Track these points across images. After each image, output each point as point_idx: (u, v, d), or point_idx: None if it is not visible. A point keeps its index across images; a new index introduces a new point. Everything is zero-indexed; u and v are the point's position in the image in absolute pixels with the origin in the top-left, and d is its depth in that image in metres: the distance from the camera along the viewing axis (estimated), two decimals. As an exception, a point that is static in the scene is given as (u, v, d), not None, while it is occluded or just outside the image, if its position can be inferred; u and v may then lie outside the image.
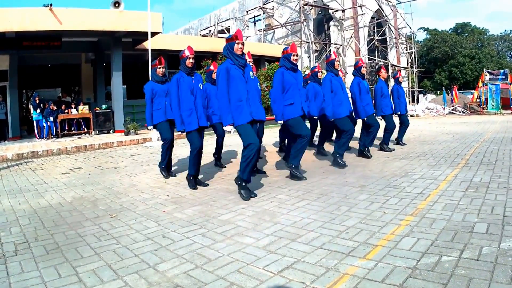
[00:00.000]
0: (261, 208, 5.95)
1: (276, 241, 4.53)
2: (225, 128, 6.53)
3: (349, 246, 4.30)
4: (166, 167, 8.92)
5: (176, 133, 9.53)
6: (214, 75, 9.21)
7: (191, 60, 7.45)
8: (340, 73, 9.53)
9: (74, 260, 4.26)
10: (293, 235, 4.69)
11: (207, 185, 7.82)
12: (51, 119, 19.56)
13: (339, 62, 9.23)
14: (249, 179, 6.69)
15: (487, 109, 30.14)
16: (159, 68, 8.73)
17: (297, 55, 7.80)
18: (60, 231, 5.30)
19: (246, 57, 6.99)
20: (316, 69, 11.24)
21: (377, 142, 11.82)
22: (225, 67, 6.47)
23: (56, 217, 6.02)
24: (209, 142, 13.56)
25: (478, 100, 31.86)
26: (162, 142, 8.78)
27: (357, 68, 10.35)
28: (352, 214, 5.44)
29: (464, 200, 5.81)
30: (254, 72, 7.57)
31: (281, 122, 7.70)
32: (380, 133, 11.24)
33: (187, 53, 7.47)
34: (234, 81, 6.44)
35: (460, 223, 4.81)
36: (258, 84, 7.03)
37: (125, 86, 25.30)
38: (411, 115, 21.03)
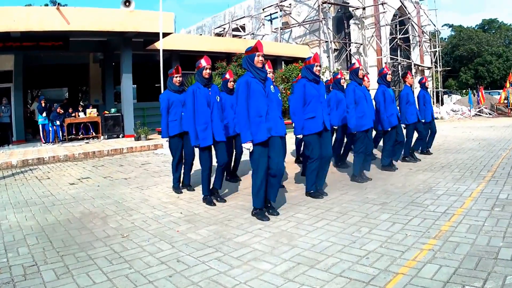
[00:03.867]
0: (278, 229, 5.98)
1: (294, 268, 4.55)
2: (243, 145, 6.43)
3: (370, 273, 4.32)
4: (180, 183, 8.94)
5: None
6: (230, 84, 9.15)
7: (208, 71, 7.40)
8: (365, 79, 9.49)
9: (86, 286, 4.30)
10: (312, 261, 4.71)
11: (225, 200, 7.83)
12: (58, 122, 19.70)
13: (363, 70, 9.16)
14: (262, 205, 6.63)
15: (515, 110, 29.96)
16: (176, 77, 8.64)
17: (320, 66, 7.77)
18: (70, 252, 5.35)
19: (266, 66, 7.00)
20: (339, 76, 11.14)
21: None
22: (245, 80, 6.40)
23: (65, 236, 6.07)
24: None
25: (505, 101, 31.64)
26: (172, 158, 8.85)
27: (382, 75, 10.25)
28: (373, 236, 5.46)
29: (490, 221, 5.80)
30: (272, 79, 7.56)
31: (300, 136, 7.69)
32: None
33: (203, 63, 7.41)
34: (254, 95, 6.36)
35: (484, 248, 4.81)
36: (279, 94, 6.97)
37: (135, 85, 25.34)
38: (435, 118, 21.23)
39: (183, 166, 8.96)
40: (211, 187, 7.87)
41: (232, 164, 9.74)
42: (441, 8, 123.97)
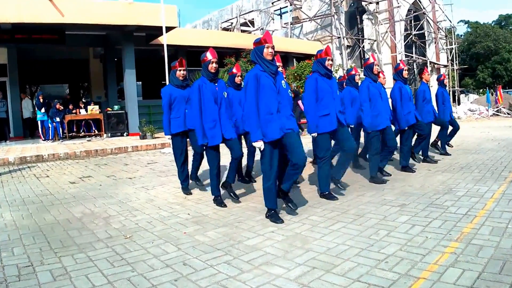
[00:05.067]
0: (291, 231, 5.85)
1: (309, 272, 4.43)
2: (254, 144, 6.22)
3: (389, 278, 4.20)
4: (188, 182, 8.78)
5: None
6: (237, 79, 9.00)
7: (214, 65, 7.23)
8: (381, 75, 9.34)
9: (85, 289, 4.20)
10: (328, 265, 4.59)
11: (238, 198, 7.76)
12: (58, 119, 19.62)
13: (378, 66, 9.01)
14: (272, 206, 6.49)
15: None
16: (180, 70, 8.33)
17: (332, 60, 7.62)
18: (69, 253, 5.25)
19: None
20: (353, 72, 11.00)
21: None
22: (255, 74, 6.17)
23: (64, 236, 5.98)
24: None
25: (524, 101, 31.55)
26: (174, 158, 8.71)
27: (398, 71, 10.10)
28: (392, 239, 5.34)
29: (513, 223, 5.70)
30: (284, 76, 7.42)
31: (315, 135, 7.51)
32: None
33: (209, 56, 7.24)
34: (264, 90, 6.15)
35: (508, 251, 4.71)
36: (289, 91, 6.80)
37: (140, 82, 25.27)
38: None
39: (192, 160, 8.85)
40: (223, 180, 7.77)
41: (244, 164, 9.60)
42: (457, 3, 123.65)
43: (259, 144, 6.14)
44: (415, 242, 5.18)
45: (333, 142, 8.01)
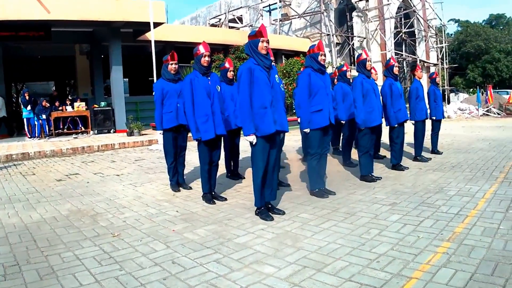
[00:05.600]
0: (282, 229, 5.83)
1: (300, 271, 4.41)
2: (246, 138, 6.19)
3: (381, 278, 4.19)
4: (177, 182, 8.72)
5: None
6: (229, 74, 9.00)
7: (206, 59, 7.18)
8: (373, 71, 9.32)
9: (71, 288, 4.17)
10: (319, 264, 4.57)
11: (225, 199, 7.67)
12: (44, 116, 19.46)
13: (370, 62, 8.98)
14: (261, 204, 6.49)
15: (524, 111, 29.96)
16: (171, 64, 8.35)
17: (325, 55, 7.57)
18: (56, 252, 5.20)
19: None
20: (344, 68, 11.01)
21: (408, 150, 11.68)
22: (248, 67, 6.14)
23: (51, 234, 5.93)
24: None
25: (515, 101, 31.67)
26: (164, 154, 8.64)
27: (388, 67, 10.01)
28: (383, 238, 5.33)
29: (505, 224, 5.71)
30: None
31: (307, 130, 7.43)
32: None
33: (202, 50, 7.19)
34: (258, 84, 6.12)
35: (501, 252, 4.72)
36: (282, 85, 6.74)
37: (127, 79, 25.17)
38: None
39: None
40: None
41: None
42: (447, 2, 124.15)
43: (251, 138, 6.11)
44: (407, 242, 5.18)
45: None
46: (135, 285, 4.21)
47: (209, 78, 7.33)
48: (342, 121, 10.48)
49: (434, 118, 11.64)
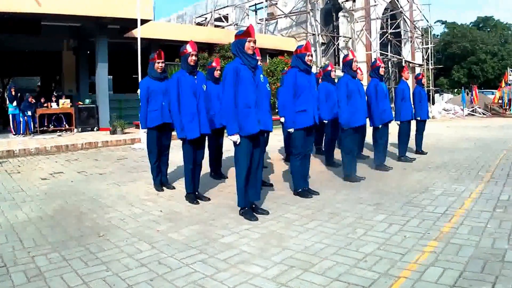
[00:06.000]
0: (267, 229, 5.85)
1: (287, 271, 4.43)
2: (230, 138, 6.21)
3: (369, 277, 4.21)
4: (161, 181, 8.70)
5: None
6: (216, 73, 9.02)
7: (193, 58, 7.19)
8: (358, 71, 9.34)
9: (59, 290, 4.15)
10: (306, 264, 4.59)
11: (209, 199, 7.66)
12: (29, 113, 19.29)
13: (357, 62, 9.02)
14: (245, 204, 6.50)
15: (510, 110, 30.16)
16: (158, 63, 8.33)
17: (312, 56, 7.62)
18: (42, 252, 5.17)
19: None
20: (329, 68, 11.05)
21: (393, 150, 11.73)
22: (234, 67, 6.18)
23: (37, 234, 5.89)
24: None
25: (500, 101, 31.91)
26: (148, 153, 8.61)
27: (374, 68, 10.07)
28: (370, 238, 5.36)
29: (492, 223, 5.77)
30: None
31: (291, 130, 7.47)
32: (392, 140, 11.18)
33: (189, 49, 7.19)
34: (243, 84, 6.16)
35: (489, 250, 4.77)
36: (267, 85, 6.79)
37: (111, 76, 25.04)
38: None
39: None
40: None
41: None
42: (435, 4, 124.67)
43: (235, 138, 6.13)
44: (394, 241, 5.21)
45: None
46: (123, 286, 4.20)
47: (195, 77, 7.33)
48: (324, 121, 10.49)
49: (418, 118, 11.72)
